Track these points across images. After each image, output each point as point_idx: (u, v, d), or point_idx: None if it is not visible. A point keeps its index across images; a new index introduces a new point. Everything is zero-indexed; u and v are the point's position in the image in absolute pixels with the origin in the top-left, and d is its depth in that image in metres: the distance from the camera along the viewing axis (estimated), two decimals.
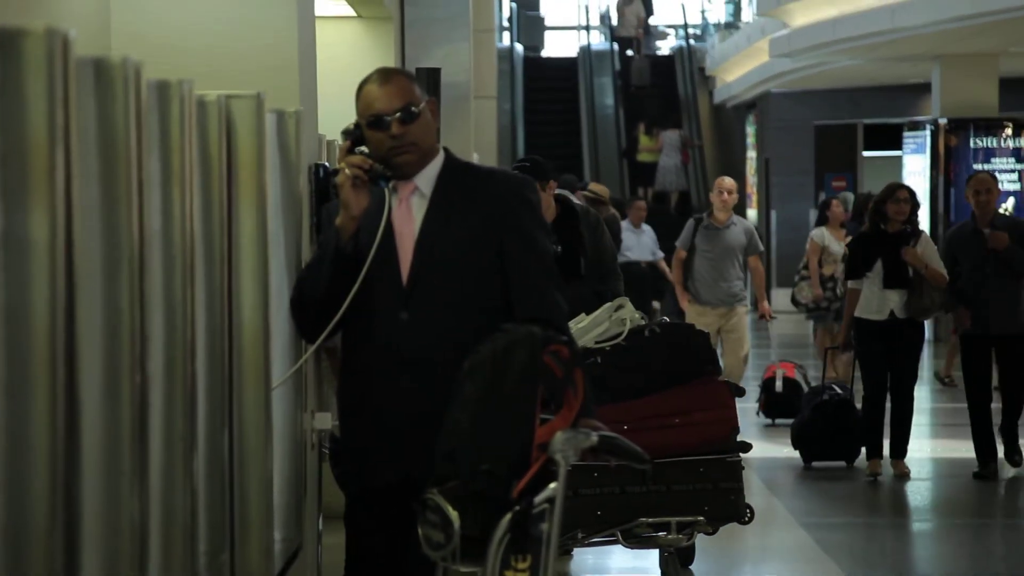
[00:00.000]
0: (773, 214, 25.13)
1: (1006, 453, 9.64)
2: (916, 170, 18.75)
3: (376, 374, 3.96)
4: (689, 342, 6.10)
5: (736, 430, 6.03)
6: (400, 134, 3.94)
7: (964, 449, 9.91)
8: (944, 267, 9.36)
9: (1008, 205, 17.65)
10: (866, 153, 22.28)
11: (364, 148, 4.00)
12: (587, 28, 30.57)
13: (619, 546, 6.02)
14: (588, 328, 6.03)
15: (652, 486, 5.87)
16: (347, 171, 3.94)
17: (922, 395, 12.69)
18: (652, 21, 29.41)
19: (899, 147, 19.31)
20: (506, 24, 28.27)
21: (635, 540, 5.96)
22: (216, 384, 3.42)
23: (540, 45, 30.90)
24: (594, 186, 13.57)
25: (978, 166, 17.73)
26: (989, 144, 18.28)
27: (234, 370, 3.59)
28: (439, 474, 3.52)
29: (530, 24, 30.61)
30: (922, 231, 9.60)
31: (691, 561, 6.98)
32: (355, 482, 4.08)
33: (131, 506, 2.64)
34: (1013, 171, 18.23)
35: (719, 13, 29.16)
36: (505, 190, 4.05)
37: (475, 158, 11.57)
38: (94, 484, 2.60)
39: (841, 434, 9.81)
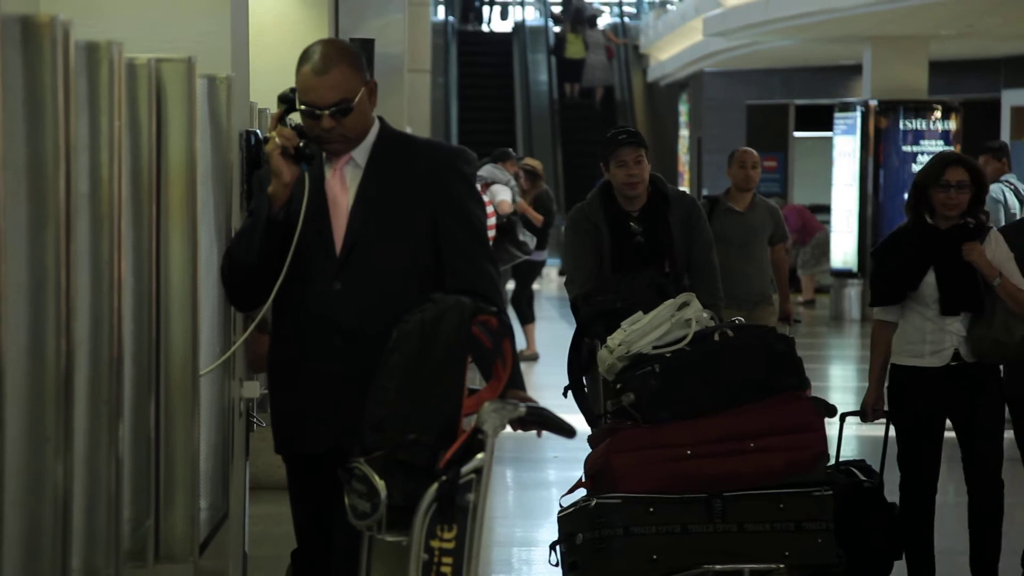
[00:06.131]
0: (704, 193, 25.26)
1: None
2: (846, 151, 18.87)
3: (307, 342, 3.94)
4: (769, 349, 5.12)
5: (824, 457, 5.07)
6: (330, 128, 3.90)
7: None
8: None
9: None
10: (797, 134, 22.39)
11: (298, 117, 3.97)
12: (522, 3, 30.56)
13: None
14: (645, 330, 5.15)
15: (720, 525, 4.97)
16: (277, 140, 3.90)
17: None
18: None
19: (830, 128, 19.43)
20: None
21: None
22: (143, 350, 3.40)
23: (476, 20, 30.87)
24: (529, 160, 13.60)
25: (907, 148, 17.88)
26: (919, 126, 18.42)
27: (161, 337, 3.57)
28: (366, 443, 3.51)
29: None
30: (990, 227, 5.96)
31: None
32: (284, 449, 4.07)
33: (55, 472, 2.62)
34: None
35: None
36: (439, 161, 4.03)
37: (408, 132, 11.51)
38: (17, 449, 2.57)
39: (864, 541, 5.70)
